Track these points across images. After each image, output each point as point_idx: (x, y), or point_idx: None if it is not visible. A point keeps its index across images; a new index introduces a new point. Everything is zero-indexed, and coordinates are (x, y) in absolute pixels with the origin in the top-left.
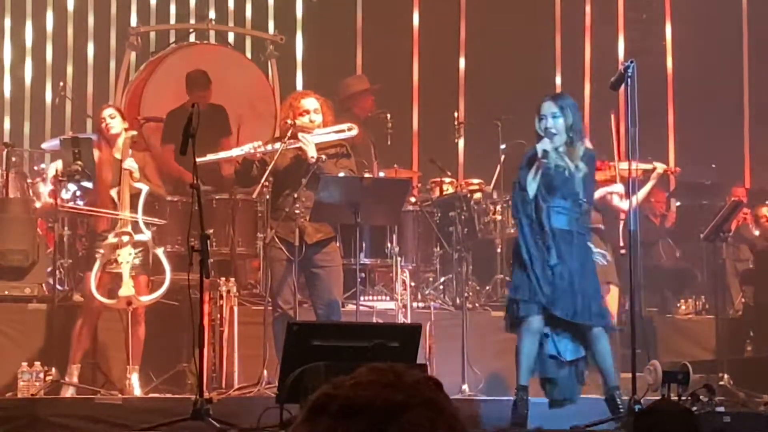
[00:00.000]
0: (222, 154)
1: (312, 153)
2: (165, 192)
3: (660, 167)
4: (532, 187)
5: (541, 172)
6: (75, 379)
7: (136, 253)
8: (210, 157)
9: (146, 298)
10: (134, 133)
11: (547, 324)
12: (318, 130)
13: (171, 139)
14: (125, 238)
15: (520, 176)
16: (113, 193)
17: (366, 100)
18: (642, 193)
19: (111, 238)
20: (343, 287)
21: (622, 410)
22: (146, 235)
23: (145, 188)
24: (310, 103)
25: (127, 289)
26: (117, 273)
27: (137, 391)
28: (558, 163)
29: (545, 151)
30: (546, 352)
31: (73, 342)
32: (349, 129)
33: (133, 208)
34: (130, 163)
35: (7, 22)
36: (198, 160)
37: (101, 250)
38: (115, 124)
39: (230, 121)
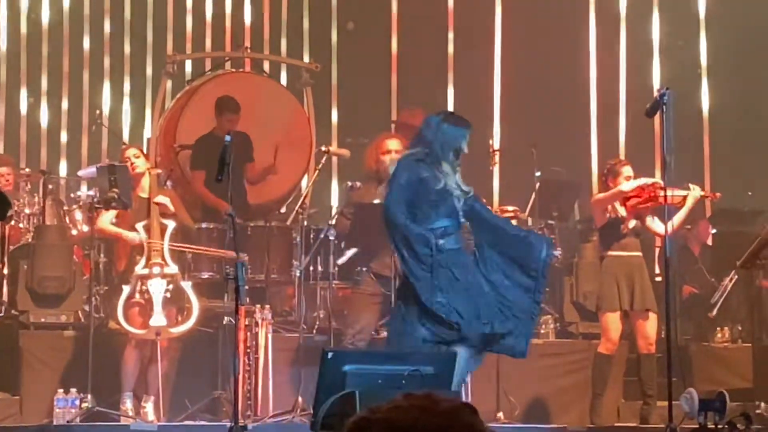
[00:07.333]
0: None
1: None
2: (193, 224)
3: (696, 191)
4: None
5: None
6: (129, 408)
7: (167, 287)
8: None
9: (175, 330)
10: (159, 171)
11: None
12: None
13: (199, 166)
14: (156, 270)
15: None
16: (139, 227)
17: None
18: (678, 218)
19: (141, 269)
20: (379, 314)
21: None
22: (174, 269)
23: (171, 224)
24: (394, 144)
25: (159, 319)
26: (147, 303)
27: (150, 418)
28: None
29: None
30: None
31: (127, 370)
32: None
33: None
34: (162, 198)
35: (45, 49)
36: None
37: (127, 284)
38: (140, 163)
39: (267, 148)
